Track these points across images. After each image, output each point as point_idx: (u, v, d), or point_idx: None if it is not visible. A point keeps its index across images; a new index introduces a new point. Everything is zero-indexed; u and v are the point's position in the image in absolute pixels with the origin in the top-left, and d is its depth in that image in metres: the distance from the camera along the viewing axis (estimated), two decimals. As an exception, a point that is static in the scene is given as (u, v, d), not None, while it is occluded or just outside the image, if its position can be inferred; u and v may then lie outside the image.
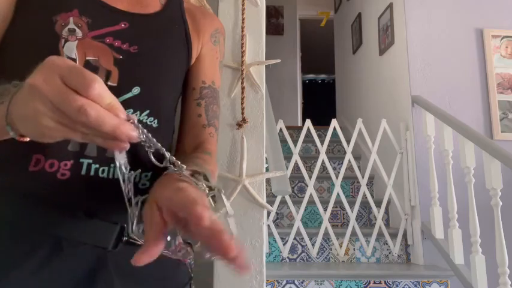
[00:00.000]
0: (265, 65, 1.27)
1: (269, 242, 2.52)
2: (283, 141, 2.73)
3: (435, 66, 2.79)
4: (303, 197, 2.60)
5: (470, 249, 2.04)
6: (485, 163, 1.97)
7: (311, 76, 8.37)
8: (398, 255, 2.59)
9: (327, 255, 2.58)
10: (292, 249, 2.55)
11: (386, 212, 2.88)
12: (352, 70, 4.22)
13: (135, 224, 0.47)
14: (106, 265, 0.56)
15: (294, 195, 3.16)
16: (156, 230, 0.42)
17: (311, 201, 2.61)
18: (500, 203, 1.90)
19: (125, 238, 0.58)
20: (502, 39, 2.83)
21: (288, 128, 2.70)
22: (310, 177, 2.62)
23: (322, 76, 8.43)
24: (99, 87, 0.37)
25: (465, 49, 2.83)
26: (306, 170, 2.79)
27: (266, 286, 1.64)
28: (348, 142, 2.69)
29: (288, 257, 2.55)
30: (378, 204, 2.69)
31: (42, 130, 0.38)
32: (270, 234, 2.43)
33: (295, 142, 2.63)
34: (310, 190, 2.57)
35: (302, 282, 2.22)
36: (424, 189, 2.56)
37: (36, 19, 0.58)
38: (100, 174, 0.57)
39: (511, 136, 2.69)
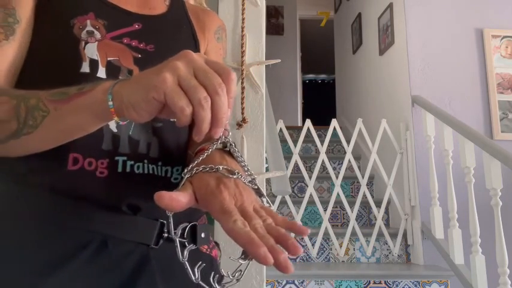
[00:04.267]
0: (265, 65, 1.27)
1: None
2: (283, 141, 2.72)
3: (435, 66, 2.79)
4: (303, 197, 2.60)
5: (470, 249, 2.04)
6: (485, 163, 1.97)
7: (311, 76, 8.37)
8: (398, 255, 2.59)
9: (327, 255, 2.58)
10: (292, 249, 2.55)
11: (386, 212, 2.88)
12: (352, 70, 4.22)
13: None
14: (149, 261, 0.57)
15: (294, 195, 3.16)
16: (188, 193, 0.46)
17: (311, 201, 2.61)
18: (500, 203, 1.90)
19: (165, 235, 0.58)
20: (502, 39, 2.83)
21: (288, 128, 2.70)
22: (310, 177, 2.62)
23: (322, 76, 8.43)
24: (235, 77, 0.44)
25: (465, 49, 2.83)
26: (306, 170, 2.79)
27: (266, 286, 1.64)
28: (348, 142, 2.69)
29: (288, 257, 2.55)
30: (378, 204, 2.69)
31: (159, 94, 0.41)
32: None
33: (295, 142, 2.63)
34: (310, 190, 2.57)
35: (302, 282, 2.22)
36: (424, 189, 2.55)
37: (54, 24, 0.59)
38: (136, 171, 0.58)
39: (511, 136, 2.69)
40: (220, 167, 0.49)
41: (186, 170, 0.50)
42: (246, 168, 0.53)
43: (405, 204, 2.65)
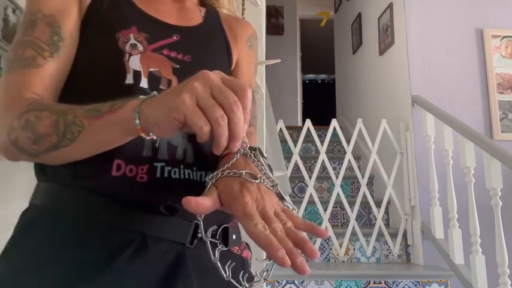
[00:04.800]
0: (265, 65, 1.27)
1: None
2: (283, 141, 2.73)
3: (435, 66, 2.79)
4: (303, 197, 2.60)
5: (470, 249, 2.04)
6: (485, 163, 1.97)
7: (311, 76, 8.37)
8: (398, 255, 2.59)
9: (327, 255, 2.58)
10: (292, 249, 2.55)
11: (386, 212, 2.88)
12: (352, 70, 4.22)
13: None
14: (185, 260, 0.60)
15: (294, 195, 3.16)
16: (213, 197, 0.50)
17: (311, 201, 2.61)
18: (500, 203, 1.90)
19: (199, 235, 0.61)
20: (502, 39, 2.83)
21: (288, 128, 2.71)
22: (310, 177, 2.62)
23: (322, 76, 8.43)
24: (250, 94, 0.46)
25: (465, 49, 2.83)
26: (306, 170, 2.79)
27: (266, 286, 1.65)
28: (348, 142, 2.69)
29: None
30: (378, 204, 2.69)
31: (179, 115, 0.44)
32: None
33: (295, 142, 2.63)
34: (310, 190, 2.57)
35: (302, 282, 2.23)
36: (424, 189, 2.55)
37: (101, 37, 0.64)
38: (173, 176, 0.62)
39: (511, 136, 2.69)
40: (244, 172, 0.52)
41: (211, 176, 0.53)
42: (267, 175, 0.56)
43: (405, 204, 2.65)
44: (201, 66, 0.49)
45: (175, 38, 0.69)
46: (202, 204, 0.47)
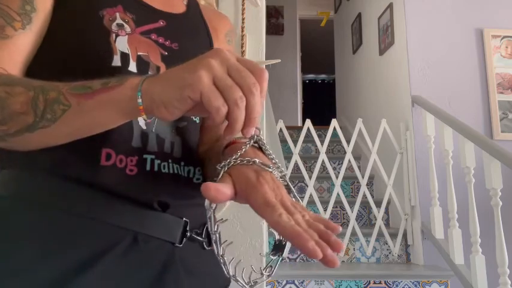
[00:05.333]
0: (265, 65, 1.27)
1: (269, 242, 2.51)
2: (283, 141, 2.73)
3: (435, 66, 2.79)
4: (303, 197, 2.60)
5: (470, 249, 2.03)
6: (485, 163, 1.97)
7: (311, 76, 8.37)
8: (398, 255, 2.59)
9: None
10: (292, 249, 2.55)
11: (386, 212, 2.88)
12: (352, 70, 4.22)
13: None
14: (174, 259, 0.57)
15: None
16: (230, 186, 0.45)
17: (311, 201, 2.61)
18: (500, 203, 1.90)
19: (188, 234, 0.59)
20: (502, 39, 2.83)
21: (288, 128, 2.70)
22: (310, 177, 2.62)
23: (322, 76, 8.42)
24: (267, 76, 0.44)
25: (465, 49, 2.83)
26: (306, 170, 2.79)
27: (266, 286, 1.65)
28: (348, 142, 2.69)
29: (288, 257, 2.55)
30: (378, 204, 2.69)
31: (195, 93, 0.41)
32: (270, 234, 2.43)
33: (295, 142, 2.63)
34: (310, 190, 2.57)
35: (302, 282, 2.23)
36: (424, 189, 2.55)
37: (83, 14, 0.58)
38: (162, 170, 0.58)
39: (511, 136, 2.69)
40: (257, 160, 0.48)
41: (223, 164, 0.49)
42: (277, 165, 0.52)
43: (405, 204, 2.65)
44: (188, 55, 0.45)
45: (161, 23, 0.64)
46: (221, 191, 0.43)
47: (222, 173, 0.48)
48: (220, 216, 0.57)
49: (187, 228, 0.59)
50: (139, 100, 0.44)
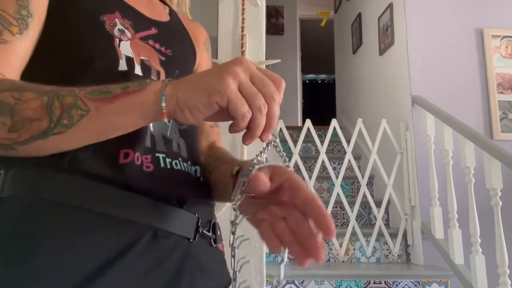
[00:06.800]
0: (265, 65, 1.27)
1: (269, 242, 2.51)
2: (283, 141, 2.73)
3: (435, 66, 2.79)
4: (303, 197, 2.59)
5: (470, 249, 2.03)
6: (485, 163, 1.97)
7: (311, 76, 8.37)
8: (398, 255, 2.59)
9: (327, 255, 2.58)
10: (292, 249, 2.55)
11: (386, 212, 2.89)
12: (352, 70, 4.22)
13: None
14: (190, 255, 0.58)
15: (294, 195, 3.16)
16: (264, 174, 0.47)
17: (311, 201, 2.61)
18: (500, 203, 1.90)
19: (201, 230, 0.60)
20: (502, 39, 2.83)
21: (288, 128, 2.70)
22: (310, 177, 2.62)
23: (322, 76, 8.43)
24: (284, 85, 0.47)
25: (465, 49, 2.83)
26: (306, 170, 2.79)
27: (266, 286, 1.64)
28: (348, 142, 2.69)
29: (288, 257, 2.55)
30: (378, 204, 2.69)
31: (222, 99, 0.43)
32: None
33: (295, 142, 2.63)
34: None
35: (302, 282, 2.23)
36: (424, 189, 2.55)
37: (84, 19, 0.58)
38: (175, 167, 0.59)
39: (511, 136, 2.69)
40: (281, 163, 0.51)
41: (255, 160, 0.51)
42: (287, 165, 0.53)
43: (405, 204, 2.65)
44: (181, 61, 0.48)
45: (154, 30, 0.66)
46: (268, 182, 0.46)
47: (253, 171, 0.48)
48: (220, 216, 0.58)
49: (199, 225, 0.60)
50: (163, 104, 0.45)
